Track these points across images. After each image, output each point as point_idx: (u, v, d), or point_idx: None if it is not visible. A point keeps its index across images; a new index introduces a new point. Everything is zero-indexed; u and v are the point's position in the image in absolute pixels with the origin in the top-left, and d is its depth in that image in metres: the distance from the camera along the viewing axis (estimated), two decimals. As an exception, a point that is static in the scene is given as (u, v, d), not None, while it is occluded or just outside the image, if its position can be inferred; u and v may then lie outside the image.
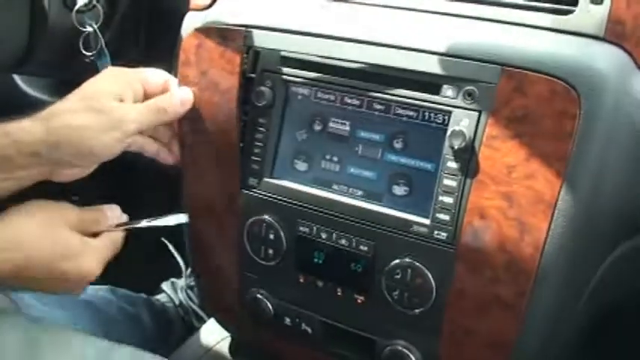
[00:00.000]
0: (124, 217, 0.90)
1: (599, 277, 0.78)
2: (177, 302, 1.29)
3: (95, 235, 0.86)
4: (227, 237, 0.91)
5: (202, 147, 0.90)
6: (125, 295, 1.24)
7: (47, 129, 0.80)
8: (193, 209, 0.93)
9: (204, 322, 1.19)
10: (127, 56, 1.12)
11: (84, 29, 1.03)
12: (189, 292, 1.31)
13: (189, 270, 1.36)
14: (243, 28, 0.87)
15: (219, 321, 1.02)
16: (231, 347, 1.04)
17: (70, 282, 0.83)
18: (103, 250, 0.85)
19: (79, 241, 0.82)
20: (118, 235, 0.88)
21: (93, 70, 1.10)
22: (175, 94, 0.88)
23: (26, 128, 0.80)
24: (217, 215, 0.91)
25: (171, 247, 1.31)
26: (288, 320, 0.90)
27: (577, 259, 0.73)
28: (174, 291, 1.31)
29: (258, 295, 0.91)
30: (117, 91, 0.84)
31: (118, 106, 0.83)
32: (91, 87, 0.85)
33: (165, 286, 1.35)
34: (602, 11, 0.73)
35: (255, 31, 0.86)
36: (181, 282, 1.36)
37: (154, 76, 0.90)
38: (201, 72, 0.89)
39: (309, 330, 0.89)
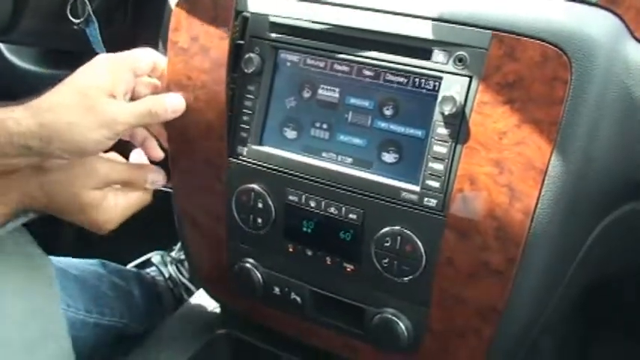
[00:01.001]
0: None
1: (589, 245, 0.78)
2: (166, 275, 1.29)
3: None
4: (215, 206, 0.91)
5: (190, 114, 0.88)
6: (116, 270, 1.24)
7: (40, 123, 0.78)
8: (180, 178, 0.92)
9: (194, 294, 1.18)
10: (114, 23, 1.10)
11: (70, -4, 1.01)
12: (178, 265, 1.31)
13: (178, 244, 1.36)
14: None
15: (208, 291, 1.02)
16: (220, 317, 1.03)
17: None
18: (118, 208, 0.89)
19: (99, 196, 0.87)
20: (141, 198, 0.91)
21: (81, 38, 1.08)
22: (167, 102, 0.87)
23: (18, 119, 0.78)
24: (205, 184, 0.91)
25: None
26: (277, 290, 0.90)
27: (567, 226, 0.73)
28: (163, 264, 1.30)
29: (247, 265, 0.90)
30: (109, 85, 0.83)
31: (109, 104, 0.82)
32: (83, 80, 0.83)
33: (154, 259, 1.35)
34: (594, -25, 0.73)
35: (245, -4, 0.85)
36: (171, 255, 1.35)
37: (143, 57, 0.88)
38: (191, 37, 0.88)
39: (299, 299, 0.89)
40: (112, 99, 0.82)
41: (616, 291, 0.99)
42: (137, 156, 0.96)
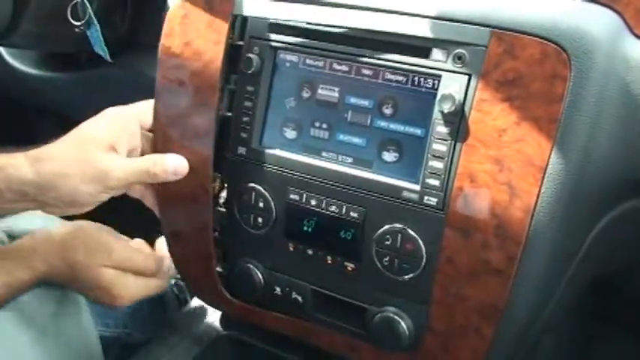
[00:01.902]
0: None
1: (590, 243, 0.78)
2: (172, 282, 1.28)
3: None
4: (201, 217, 0.91)
5: (180, 118, 0.88)
6: None
7: (38, 171, 0.80)
8: (165, 191, 0.92)
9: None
10: (113, 26, 1.10)
11: (71, -1, 1.01)
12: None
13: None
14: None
15: (204, 301, 1.01)
16: (221, 319, 1.03)
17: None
18: (136, 288, 0.91)
19: (112, 275, 0.89)
20: (158, 285, 0.94)
21: (81, 41, 1.09)
22: (168, 162, 0.87)
23: (17, 166, 0.80)
24: (190, 194, 0.90)
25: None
26: (278, 290, 0.90)
27: (568, 223, 0.73)
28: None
29: (248, 265, 0.90)
30: (111, 138, 0.84)
31: (104, 157, 0.83)
32: (84, 133, 0.85)
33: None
34: (593, -28, 0.73)
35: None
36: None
37: (150, 110, 0.90)
38: (184, 43, 0.88)
39: (300, 299, 0.88)
40: (109, 153, 0.83)
41: (619, 288, 0.99)
42: (162, 245, 0.97)
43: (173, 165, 0.87)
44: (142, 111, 0.89)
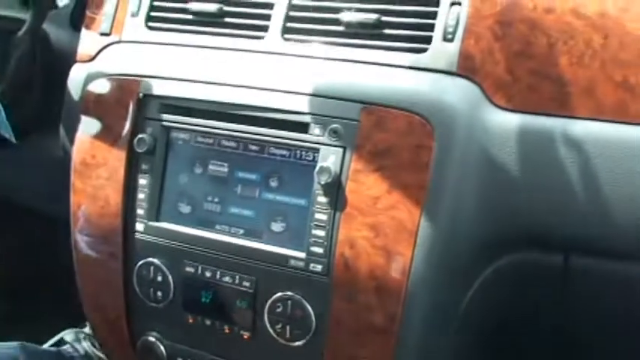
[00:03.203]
0: None
1: (471, 297, 0.82)
2: (82, 352, 1.27)
3: None
4: (114, 283, 0.92)
5: (91, 192, 0.92)
6: (36, 352, 1.21)
7: None
8: (80, 258, 0.94)
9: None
10: (22, 106, 1.12)
11: (-23, 81, 1.03)
12: (92, 340, 1.28)
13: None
14: (136, 78, 0.90)
15: (118, 366, 1.02)
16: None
17: None
18: None
19: None
20: None
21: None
22: None
23: None
24: (103, 262, 0.93)
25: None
26: (180, 362, 0.91)
27: (443, 282, 0.77)
28: (77, 341, 1.28)
29: (150, 338, 0.92)
30: None
31: None
32: None
33: (68, 337, 1.32)
34: (453, 48, 0.79)
35: (142, 79, 0.89)
36: (84, 331, 1.33)
37: None
38: (98, 117, 0.92)
39: (202, 370, 0.90)
40: None
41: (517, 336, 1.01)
42: None
43: None
44: None
